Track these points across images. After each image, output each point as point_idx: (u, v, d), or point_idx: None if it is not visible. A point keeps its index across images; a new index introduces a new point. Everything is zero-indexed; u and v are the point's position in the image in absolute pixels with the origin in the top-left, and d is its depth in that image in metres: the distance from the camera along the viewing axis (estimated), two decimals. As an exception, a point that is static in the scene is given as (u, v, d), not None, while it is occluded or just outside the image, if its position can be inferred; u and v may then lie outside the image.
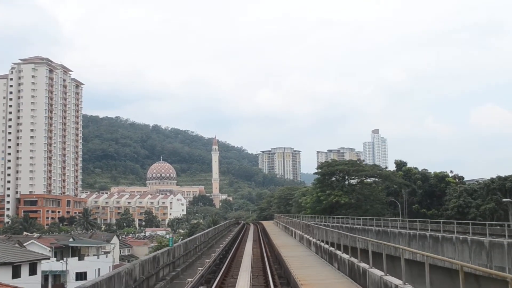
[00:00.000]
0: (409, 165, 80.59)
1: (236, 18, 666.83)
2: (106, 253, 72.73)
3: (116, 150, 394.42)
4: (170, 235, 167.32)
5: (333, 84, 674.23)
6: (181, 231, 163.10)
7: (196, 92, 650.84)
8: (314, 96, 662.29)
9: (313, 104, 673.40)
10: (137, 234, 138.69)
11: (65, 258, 56.16)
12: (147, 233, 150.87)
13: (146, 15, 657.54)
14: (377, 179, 78.62)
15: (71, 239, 65.14)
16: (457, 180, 73.26)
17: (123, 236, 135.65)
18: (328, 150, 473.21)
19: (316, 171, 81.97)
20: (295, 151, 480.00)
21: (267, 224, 77.24)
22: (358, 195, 73.32)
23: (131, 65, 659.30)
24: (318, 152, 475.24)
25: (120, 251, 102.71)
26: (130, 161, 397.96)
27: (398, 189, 74.95)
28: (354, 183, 77.55)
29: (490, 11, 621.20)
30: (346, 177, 77.74)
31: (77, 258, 59.54)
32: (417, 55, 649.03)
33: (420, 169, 78.62)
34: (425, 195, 74.11)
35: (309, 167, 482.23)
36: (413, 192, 73.90)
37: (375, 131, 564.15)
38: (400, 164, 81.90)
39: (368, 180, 78.65)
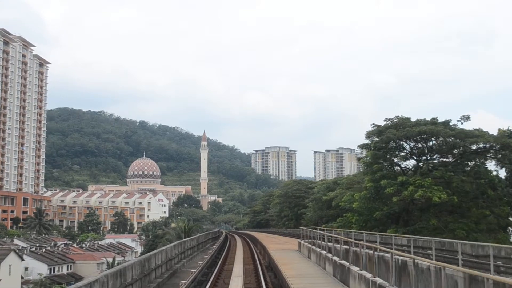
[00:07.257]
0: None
1: (227, 21, 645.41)
2: None
3: (97, 145, 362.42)
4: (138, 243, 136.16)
5: (326, 87, 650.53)
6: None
7: (186, 93, 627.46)
8: (307, 99, 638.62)
9: (306, 107, 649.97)
10: (87, 243, 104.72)
11: None
12: (107, 241, 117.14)
13: (137, 17, 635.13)
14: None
15: None
16: None
17: (71, 245, 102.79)
18: (326, 150, 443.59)
19: (366, 142, 41.14)
20: (290, 150, 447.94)
21: (285, 263, 23.91)
22: (466, 188, 35.76)
23: (120, 65, 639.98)
24: (315, 152, 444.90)
25: (51, 270, 70.41)
26: (112, 157, 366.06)
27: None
28: (447, 163, 38.32)
29: (479, 20, 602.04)
30: (429, 153, 38.56)
31: None
32: (408, 61, 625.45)
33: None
34: None
35: (303, 170, 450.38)
36: None
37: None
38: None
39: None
